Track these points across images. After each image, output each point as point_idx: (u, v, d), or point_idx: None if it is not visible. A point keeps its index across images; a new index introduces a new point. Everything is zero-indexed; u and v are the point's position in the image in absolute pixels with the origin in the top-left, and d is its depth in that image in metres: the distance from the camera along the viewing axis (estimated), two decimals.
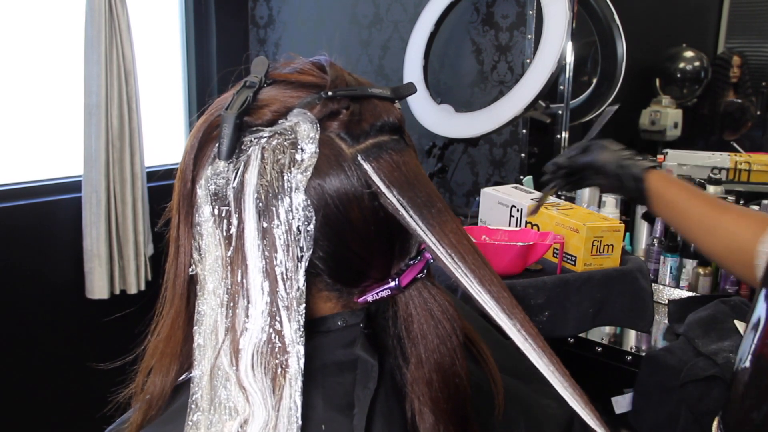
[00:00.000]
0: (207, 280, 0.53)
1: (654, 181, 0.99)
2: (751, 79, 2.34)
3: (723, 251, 0.91)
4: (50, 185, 2.29)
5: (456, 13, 2.23)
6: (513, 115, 1.88)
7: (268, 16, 2.80)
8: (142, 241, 2.34)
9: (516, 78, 2.16)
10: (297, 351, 0.51)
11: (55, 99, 2.30)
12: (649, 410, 1.46)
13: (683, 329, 1.51)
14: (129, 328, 0.75)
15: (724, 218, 0.91)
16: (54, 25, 2.27)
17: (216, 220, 0.53)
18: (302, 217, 0.51)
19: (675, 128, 2.29)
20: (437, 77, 2.34)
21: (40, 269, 2.23)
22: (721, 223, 0.90)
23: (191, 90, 2.76)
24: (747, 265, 0.85)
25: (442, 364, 0.55)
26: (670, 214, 0.98)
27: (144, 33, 2.43)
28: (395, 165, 0.54)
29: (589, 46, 2.28)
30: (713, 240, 0.92)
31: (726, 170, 1.91)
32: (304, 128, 0.52)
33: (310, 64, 0.57)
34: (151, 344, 0.60)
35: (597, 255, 1.47)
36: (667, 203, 0.98)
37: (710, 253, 0.95)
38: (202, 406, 0.53)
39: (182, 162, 0.57)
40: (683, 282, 1.79)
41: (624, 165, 1.02)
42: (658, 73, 2.42)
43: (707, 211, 0.93)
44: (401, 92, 0.57)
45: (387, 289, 0.56)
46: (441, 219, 0.54)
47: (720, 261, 0.95)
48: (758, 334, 0.62)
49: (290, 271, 0.51)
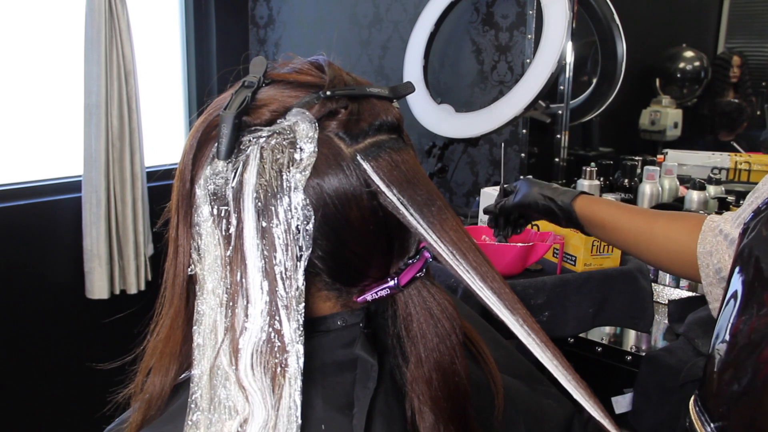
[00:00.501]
0: (206, 280, 0.53)
1: (582, 207, 1.01)
2: (751, 79, 2.34)
3: (664, 257, 0.93)
4: (50, 185, 2.29)
5: (456, 13, 2.23)
6: (513, 115, 1.88)
7: (268, 16, 2.80)
8: (142, 241, 2.34)
9: (516, 78, 2.16)
10: (296, 350, 0.51)
11: (55, 99, 2.30)
12: (649, 410, 1.46)
13: (683, 329, 1.51)
14: (129, 328, 0.75)
15: (657, 226, 0.93)
16: (54, 25, 2.27)
17: (215, 219, 0.53)
18: (301, 217, 0.51)
19: (675, 128, 2.29)
20: (437, 77, 2.35)
21: (40, 269, 2.23)
22: (655, 230, 0.93)
23: (191, 90, 2.76)
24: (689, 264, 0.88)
25: (441, 363, 0.55)
26: (605, 234, 1.00)
27: (144, 33, 2.43)
28: (394, 164, 0.54)
29: (589, 46, 2.28)
30: (652, 248, 0.94)
31: (726, 170, 1.91)
32: (303, 128, 0.52)
33: (309, 63, 0.57)
34: (150, 344, 0.60)
35: (597, 255, 1.47)
36: (598, 225, 1.00)
37: (653, 262, 0.97)
38: (202, 405, 0.52)
39: (181, 162, 0.57)
40: (683, 282, 1.79)
41: (551, 198, 1.05)
42: (658, 73, 2.42)
43: (639, 223, 0.95)
44: (399, 91, 0.57)
45: (386, 288, 0.56)
46: (441, 217, 0.54)
47: (664, 267, 0.97)
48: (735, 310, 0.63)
49: (289, 271, 0.51)
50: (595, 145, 2.44)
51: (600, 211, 1.00)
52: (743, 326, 0.62)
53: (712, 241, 0.85)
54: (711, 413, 0.65)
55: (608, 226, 0.99)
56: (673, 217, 0.94)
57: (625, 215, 0.97)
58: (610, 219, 0.98)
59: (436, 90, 2.31)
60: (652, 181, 1.82)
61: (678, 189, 1.92)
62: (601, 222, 0.99)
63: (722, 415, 0.63)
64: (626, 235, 0.96)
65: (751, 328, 0.61)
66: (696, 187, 1.81)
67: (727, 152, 1.99)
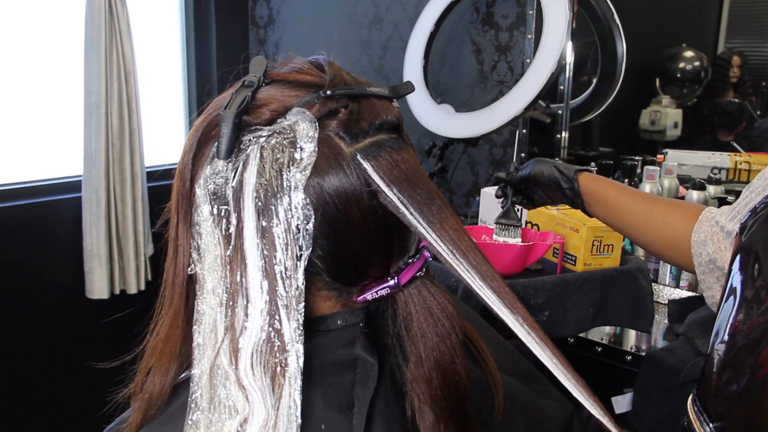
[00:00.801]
0: (206, 280, 0.53)
1: (586, 181, 1.04)
2: (751, 79, 2.34)
3: (659, 242, 0.95)
4: (50, 185, 2.29)
5: (456, 13, 2.23)
6: (513, 115, 1.88)
7: (268, 16, 2.80)
8: (142, 241, 2.34)
9: (516, 78, 2.16)
10: (296, 350, 0.51)
11: (55, 99, 2.30)
12: (649, 410, 1.46)
13: (683, 329, 1.51)
14: (129, 328, 0.75)
15: (656, 210, 0.95)
16: (54, 25, 2.27)
17: (215, 219, 0.53)
18: (301, 216, 0.51)
19: (675, 128, 2.29)
20: (437, 77, 2.35)
21: (40, 269, 2.23)
22: (654, 214, 0.94)
23: (191, 90, 2.76)
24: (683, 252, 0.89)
25: (441, 362, 0.55)
26: (605, 211, 1.02)
27: (144, 33, 2.43)
28: (394, 163, 0.54)
29: (589, 46, 2.28)
30: (648, 231, 0.96)
31: (726, 170, 1.91)
32: (303, 127, 0.52)
33: (309, 63, 0.57)
34: (150, 344, 0.60)
35: (597, 255, 1.47)
36: (600, 201, 1.02)
37: (647, 245, 0.98)
38: (202, 405, 0.52)
39: (181, 161, 0.57)
40: (683, 282, 1.79)
41: (557, 169, 1.08)
42: (658, 73, 2.42)
43: (639, 205, 0.97)
44: (399, 91, 0.57)
45: (386, 287, 0.56)
46: (441, 216, 0.54)
47: (657, 252, 0.98)
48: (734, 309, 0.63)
49: (289, 270, 0.51)
50: (595, 145, 2.44)
51: (604, 187, 1.02)
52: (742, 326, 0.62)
53: (708, 231, 0.86)
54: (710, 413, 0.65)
55: (610, 203, 1.00)
56: (673, 204, 0.95)
57: (628, 196, 0.99)
58: (613, 196, 1.00)
59: (436, 90, 2.31)
60: (652, 181, 1.83)
61: (678, 189, 1.92)
62: (604, 198, 1.01)
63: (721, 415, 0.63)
64: (626, 215, 0.98)
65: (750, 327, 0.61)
66: (696, 187, 1.81)
67: (727, 152, 1.99)
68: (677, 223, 0.91)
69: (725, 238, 0.82)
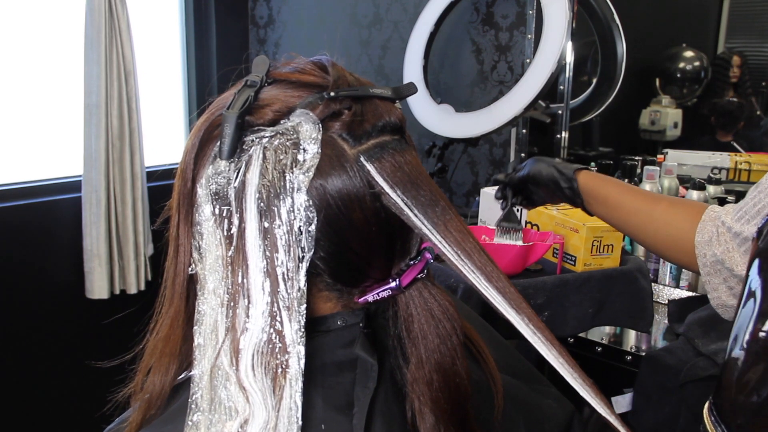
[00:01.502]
0: (207, 280, 0.53)
1: (585, 180, 1.02)
2: (751, 79, 2.34)
3: (661, 241, 0.92)
4: (50, 185, 2.29)
5: (456, 13, 2.23)
6: (513, 115, 1.88)
7: (268, 16, 2.80)
8: (142, 241, 2.34)
9: (516, 78, 2.16)
10: (298, 351, 0.51)
11: (55, 99, 2.30)
12: (649, 410, 1.46)
13: (683, 329, 1.51)
14: (129, 328, 0.74)
15: (658, 209, 0.92)
16: (54, 25, 2.27)
17: (217, 219, 0.53)
18: (304, 218, 0.51)
19: (675, 128, 2.29)
20: (437, 77, 2.34)
21: (40, 269, 2.23)
22: (655, 213, 0.92)
23: (191, 90, 2.76)
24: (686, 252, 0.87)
25: (442, 364, 0.55)
26: (606, 209, 1.00)
27: (144, 33, 2.43)
28: (398, 165, 0.54)
29: (589, 46, 2.28)
30: (650, 230, 0.93)
31: (726, 170, 1.91)
32: (307, 128, 0.52)
33: (311, 63, 0.57)
34: (150, 343, 0.59)
35: (597, 255, 1.47)
36: (600, 199, 1.00)
37: (649, 244, 0.96)
38: (202, 406, 0.52)
39: (182, 161, 0.57)
40: (683, 282, 1.79)
41: (556, 168, 1.06)
42: (658, 73, 2.42)
43: (640, 204, 0.95)
44: (402, 92, 0.57)
45: (387, 289, 0.56)
46: (445, 217, 0.54)
47: (659, 251, 0.96)
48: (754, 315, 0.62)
49: (291, 272, 0.51)
50: (595, 145, 2.44)
51: (604, 186, 1.00)
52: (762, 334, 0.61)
53: (713, 231, 0.84)
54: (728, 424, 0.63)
55: (611, 202, 0.98)
56: (675, 203, 0.93)
57: (629, 194, 0.97)
58: (614, 195, 0.98)
59: (436, 90, 2.31)
60: (652, 181, 1.83)
61: (678, 189, 1.92)
62: (604, 197, 0.99)
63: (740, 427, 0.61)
64: (626, 214, 0.96)
65: None
66: (696, 187, 1.81)
67: (727, 152, 1.99)
68: (679, 223, 0.89)
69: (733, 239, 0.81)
